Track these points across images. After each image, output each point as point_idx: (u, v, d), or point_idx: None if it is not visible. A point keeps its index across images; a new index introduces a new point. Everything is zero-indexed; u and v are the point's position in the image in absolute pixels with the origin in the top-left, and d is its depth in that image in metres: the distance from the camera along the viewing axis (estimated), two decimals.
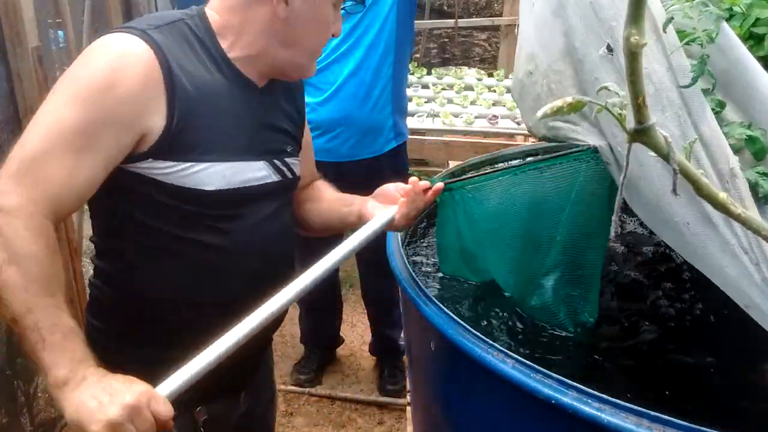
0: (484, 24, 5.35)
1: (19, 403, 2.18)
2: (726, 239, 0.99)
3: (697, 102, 1.00)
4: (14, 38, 2.00)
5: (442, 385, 1.29)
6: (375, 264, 2.53)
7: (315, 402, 2.67)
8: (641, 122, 0.59)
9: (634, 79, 0.57)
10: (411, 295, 1.21)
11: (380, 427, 2.55)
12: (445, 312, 1.12)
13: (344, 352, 2.96)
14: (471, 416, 1.18)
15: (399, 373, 2.73)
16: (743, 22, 1.20)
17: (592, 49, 1.16)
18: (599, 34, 1.13)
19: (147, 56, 0.97)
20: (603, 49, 1.09)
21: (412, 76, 4.02)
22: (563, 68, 1.27)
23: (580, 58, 1.20)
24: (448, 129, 3.55)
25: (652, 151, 0.62)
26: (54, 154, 0.93)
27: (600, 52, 1.11)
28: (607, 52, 1.08)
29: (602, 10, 1.09)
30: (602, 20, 1.10)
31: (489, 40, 5.86)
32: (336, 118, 2.26)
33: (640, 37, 0.55)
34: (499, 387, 1.02)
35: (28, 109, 2.06)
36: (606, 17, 1.07)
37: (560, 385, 0.92)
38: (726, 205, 0.65)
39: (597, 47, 1.13)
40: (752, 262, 0.96)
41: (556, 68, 1.29)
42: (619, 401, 0.88)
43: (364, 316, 2.87)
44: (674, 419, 0.84)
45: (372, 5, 2.27)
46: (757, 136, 1.05)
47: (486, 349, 1.02)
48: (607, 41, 1.09)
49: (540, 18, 1.32)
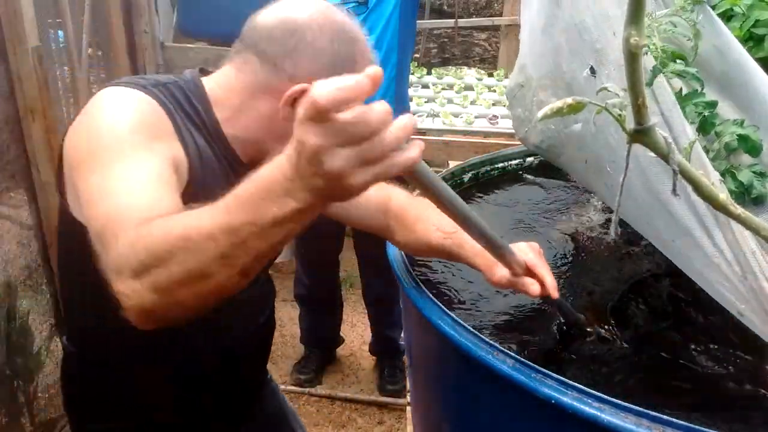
0: (484, 24, 5.34)
1: (19, 403, 2.18)
2: (708, 253, 1.00)
3: (677, 119, 1.00)
4: (14, 38, 2.00)
5: (442, 385, 1.29)
6: (375, 264, 2.53)
7: (315, 402, 2.67)
8: (641, 123, 0.60)
9: (634, 80, 0.57)
10: (411, 295, 1.21)
11: (380, 427, 2.55)
12: (445, 312, 1.12)
13: (344, 352, 2.97)
14: (471, 416, 1.19)
15: (399, 373, 2.74)
16: (743, 23, 1.21)
17: (577, 71, 1.17)
18: (584, 55, 1.14)
19: (156, 104, 0.95)
20: (586, 71, 1.10)
21: (412, 76, 4.02)
22: (550, 84, 1.29)
23: (568, 81, 1.22)
24: (448, 129, 3.55)
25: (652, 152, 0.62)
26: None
27: (584, 74, 1.12)
28: (590, 74, 1.09)
29: (587, 31, 1.10)
30: (586, 42, 1.12)
31: (489, 40, 5.86)
32: None
33: (640, 37, 0.55)
34: (499, 387, 1.02)
35: (28, 109, 2.07)
36: (590, 39, 1.07)
37: (560, 385, 0.93)
38: (726, 206, 0.65)
39: (582, 69, 1.14)
40: (736, 275, 0.97)
41: (544, 84, 1.31)
42: (619, 401, 0.88)
43: (364, 316, 2.87)
44: (674, 419, 0.84)
45: (375, 6, 2.27)
46: (749, 134, 1.05)
47: (486, 349, 1.02)
48: (590, 63, 1.11)
49: (532, 32, 1.34)
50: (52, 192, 2.19)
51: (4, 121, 2.01)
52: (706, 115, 1.09)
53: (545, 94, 1.31)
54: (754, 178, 1.03)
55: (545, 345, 1.26)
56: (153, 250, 0.69)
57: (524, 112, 1.43)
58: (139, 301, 0.69)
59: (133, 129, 0.89)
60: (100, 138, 0.88)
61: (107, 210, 0.79)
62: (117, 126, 0.89)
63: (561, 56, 1.23)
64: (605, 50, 1.06)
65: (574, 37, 1.15)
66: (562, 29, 1.19)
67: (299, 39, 0.96)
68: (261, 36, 0.99)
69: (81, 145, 0.91)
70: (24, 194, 2.17)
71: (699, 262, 1.02)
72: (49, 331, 2.34)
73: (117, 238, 0.74)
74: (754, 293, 0.95)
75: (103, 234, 0.77)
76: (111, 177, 0.83)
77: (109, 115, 0.91)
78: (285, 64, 0.97)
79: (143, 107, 0.93)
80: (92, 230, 0.81)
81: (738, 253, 0.96)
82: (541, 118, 0.59)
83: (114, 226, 0.76)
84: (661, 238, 1.09)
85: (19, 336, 2.16)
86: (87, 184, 0.85)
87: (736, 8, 1.21)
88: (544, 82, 1.32)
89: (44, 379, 2.32)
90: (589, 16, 1.10)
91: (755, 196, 1.03)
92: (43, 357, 2.31)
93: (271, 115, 0.99)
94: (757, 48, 1.19)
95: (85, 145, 0.90)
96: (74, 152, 0.92)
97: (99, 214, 0.80)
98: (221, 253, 0.65)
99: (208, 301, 0.71)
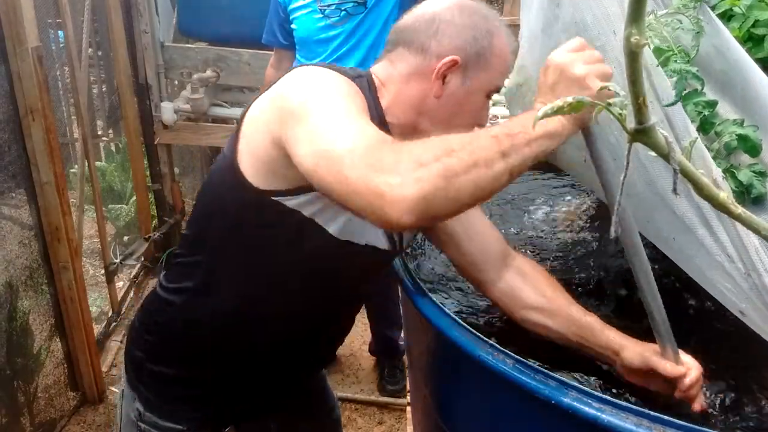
0: None
1: (19, 403, 2.18)
2: (710, 251, 0.99)
3: (679, 117, 1.01)
4: (14, 38, 2.00)
5: (442, 386, 1.29)
6: None
7: None
8: (642, 122, 0.60)
9: (635, 79, 0.57)
10: (411, 295, 1.21)
11: (380, 427, 2.55)
12: (445, 312, 1.12)
13: (344, 352, 2.96)
14: (471, 416, 1.19)
15: (399, 373, 2.74)
16: (743, 23, 1.21)
17: None
18: None
19: (357, 88, 1.00)
20: None
21: None
22: None
23: None
24: None
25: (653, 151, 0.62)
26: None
27: None
28: None
29: (586, 30, 1.10)
30: (586, 41, 1.12)
31: None
32: None
33: (640, 37, 0.55)
34: (499, 387, 1.02)
35: (28, 109, 2.07)
36: (590, 38, 1.07)
37: (560, 385, 0.93)
38: (726, 205, 0.65)
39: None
40: (739, 272, 0.97)
41: None
42: (619, 401, 0.88)
43: (364, 316, 2.87)
44: (674, 419, 0.85)
45: (373, 7, 2.27)
46: (748, 134, 1.05)
47: (486, 349, 1.02)
48: None
49: (531, 32, 1.34)
50: (51, 192, 2.19)
51: (5, 121, 2.01)
52: (706, 114, 1.09)
53: None
54: (753, 178, 1.03)
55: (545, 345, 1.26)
56: (445, 144, 0.81)
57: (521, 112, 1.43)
58: (422, 187, 0.76)
59: (348, 94, 0.95)
60: (318, 90, 0.93)
61: (352, 128, 0.85)
62: (332, 87, 0.95)
63: None
64: (605, 48, 1.06)
65: (573, 35, 1.15)
66: (562, 28, 1.19)
67: (439, 22, 1.07)
68: (406, 32, 1.10)
69: (288, 103, 0.94)
70: (24, 194, 2.17)
71: (700, 260, 1.02)
72: (49, 331, 2.34)
73: (383, 144, 0.82)
74: (757, 290, 0.95)
75: (355, 145, 0.82)
76: (341, 107, 0.90)
77: (322, 80, 0.97)
78: (431, 45, 1.06)
79: (349, 85, 0.98)
80: (332, 150, 0.83)
81: (741, 250, 0.96)
82: (542, 117, 0.59)
83: (372, 136, 0.84)
84: (662, 236, 1.09)
85: (20, 336, 2.16)
86: (309, 123, 0.88)
87: (735, 8, 1.21)
88: None
89: (44, 379, 2.32)
90: (589, 15, 1.10)
91: (755, 195, 1.03)
92: (43, 357, 2.31)
93: (423, 95, 1.07)
94: (756, 48, 1.19)
95: (295, 100, 0.93)
96: (278, 111, 0.95)
97: (341, 134, 0.84)
98: (501, 150, 0.82)
99: (480, 194, 0.82)
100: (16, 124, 2.06)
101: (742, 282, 0.96)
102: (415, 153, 0.79)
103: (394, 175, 0.77)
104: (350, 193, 0.80)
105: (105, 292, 3.01)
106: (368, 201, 0.78)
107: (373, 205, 0.78)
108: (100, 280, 3.17)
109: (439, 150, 0.79)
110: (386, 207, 0.77)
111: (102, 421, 2.49)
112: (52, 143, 2.14)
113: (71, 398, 2.51)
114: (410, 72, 1.07)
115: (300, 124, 0.89)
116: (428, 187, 0.76)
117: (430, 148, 0.80)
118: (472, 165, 0.79)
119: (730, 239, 0.97)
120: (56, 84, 2.60)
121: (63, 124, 3.94)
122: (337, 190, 0.82)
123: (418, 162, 0.78)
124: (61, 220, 2.24)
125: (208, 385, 1.21)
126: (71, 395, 2.51)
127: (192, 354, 1.19)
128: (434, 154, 0.78)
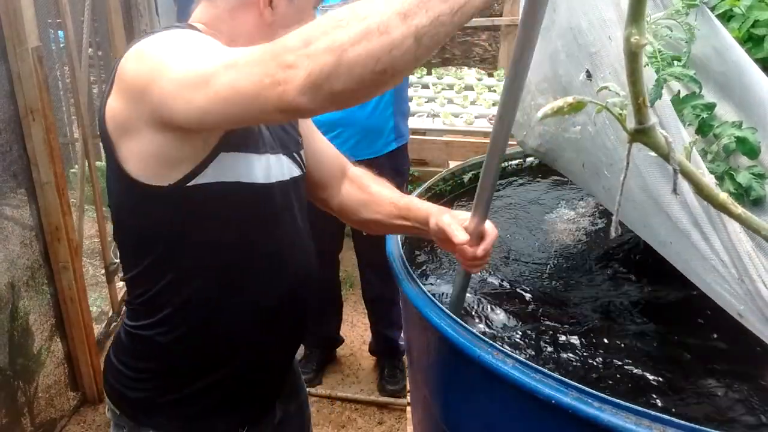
0: (484, 24, 5.34)
1: (19, 403, 2.18)
2: (705, 255, 1.00)
3: (672, 124, 1.01)
4: (14, 38, 2.00)
5: (442, 385, 1.29)
6: (375, 264, 2.53)
7: (315, 402, 2.67)
8: (642, 122, 0.60)
9: (635, 79, 0.57)
10: (411, 295, 1.21)
11: (380, 427, 2.55)
12: (445, 312, 1.12)
13: (344, 352, 2.96)
14: (471, 416, 1.19)
15: (399, 373, 2.74)
16: (743, 23, 1.21)
17: (574, 75, 1.18)
18: (580, 59, 1.14)
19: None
20: (583, 74, 1.10)
21: (412, 76, 4.03)
22: (548, 88, 1.29)
23: (565, 85, 1.22)
24: (449, 129, 3.55)
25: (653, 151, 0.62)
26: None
27: (580, 78, 1.13)
28: (586, 77, 1.10)
29: (582, 35, 1.10)
30: (582, 46, 1.12)
31: (489, 40, 5.86)
32: (336, 119, 2.26)
33: (640, 37, 0.55)
34: (499, 387, 1.02)
35: (28, 109, 2.07)
36: (586, 43, 1.08)
37: (560, 385, 0.93)
38: (726, 206, 0.65)
39: (578, 73, 1.15)
40: (733, 278, 0.97)
41: (542, 88, 1.31)
42: (619, 401, 0.88)
43: (364, 316, 2.87)
44: (674, 419, 0.85)
45: None
46: (747, 136, 1.05)
47: (486, 349, 1.02)
48: (586, 67, 1.11)
49: None
50: (51, 192, 2.19)
51: (5, 121, 2.01)
52: (705, 117, 1.09)
53: (543, 98, 1.31)
54: (752, 180, 1.03)
55: (545, 345, 1.26)
56: (336, 16, 0.73)
57: (522, 116, 1.43)
58: (309, 64, 0.72)
59: (187, 35, 0.94)
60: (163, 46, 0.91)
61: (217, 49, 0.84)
62: (167, 39, 0.92)
63: (557, 60, 1.23)
64: (600, 54, 1.06)
65: (570, 41, 1.15)
66: (559, 33, 1.19)
67: None
68: None
69: (136, 79, 0.91)
70: (25, 194, 2.17)
71: (696, 264, 1.02)
72: (49, 331, 2.34)
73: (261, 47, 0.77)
74: (751, 296, 0.95)
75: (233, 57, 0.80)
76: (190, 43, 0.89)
77: (155, 41, 0.93)
78: None
79: (183, 29, 0.97)
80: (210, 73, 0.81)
81: (734, 256, 0.96)
82: (542, 118, 0.59)
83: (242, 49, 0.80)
84: (658, 239, 1.09)
85: (20, 336, 2.16)
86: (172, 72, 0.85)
87: (735, 9, 1.21)
88: (542, 86, 1.32)
89: (44, 379, 2.32)
90: (584, 21, 1.10)
91: (754, 198, 1.03)
92: (43, 357, 2.31)
93: (257, 24, 1.04)
94: (756, 49, 1.19)
95: (141, 71, 0.90)
96: (129, 95, 0.93)
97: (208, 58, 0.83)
98: (401, 11, 0.70)
99: (381, 66, 0.71)
100: (17, 124, 2.06)
101: (737, 287, 0.96)
102: (304, 32, 0.74)
103: (285, 56, 0.74)
104: (246, 98, 0.78)
105: (105, 292, 3.01)
106: (265, 96, 0.76)
107: (269, 98, 0.76)
108: (100, 280, 3.17)
109: (328, 24, 0.73)
110: (281, 93, 0.74)
111: (102, 421, 2.48)
112: (52, 143, 2.15)
113: (71, 398, 2.51)
114: (234, 5, 1.05)
115: (160, 84, 0.87)
116: (315, 64, 0.72)
117: (319, 24, 0.74)
118: (363, 34, 0.71)
119: (722, 245, 0.97)
120: (56, 84, 2.60)
121: (63, 124, 3.94)
122: (235, 105, 0.80)
123: (306, 41, 0.73)
124: (62, 220, 2.24)
125: (228, 382, 1.16)
126: (71, 395, 2.51)
127: (202, 364, 1.14)
128: (322, 29, 0.73)
